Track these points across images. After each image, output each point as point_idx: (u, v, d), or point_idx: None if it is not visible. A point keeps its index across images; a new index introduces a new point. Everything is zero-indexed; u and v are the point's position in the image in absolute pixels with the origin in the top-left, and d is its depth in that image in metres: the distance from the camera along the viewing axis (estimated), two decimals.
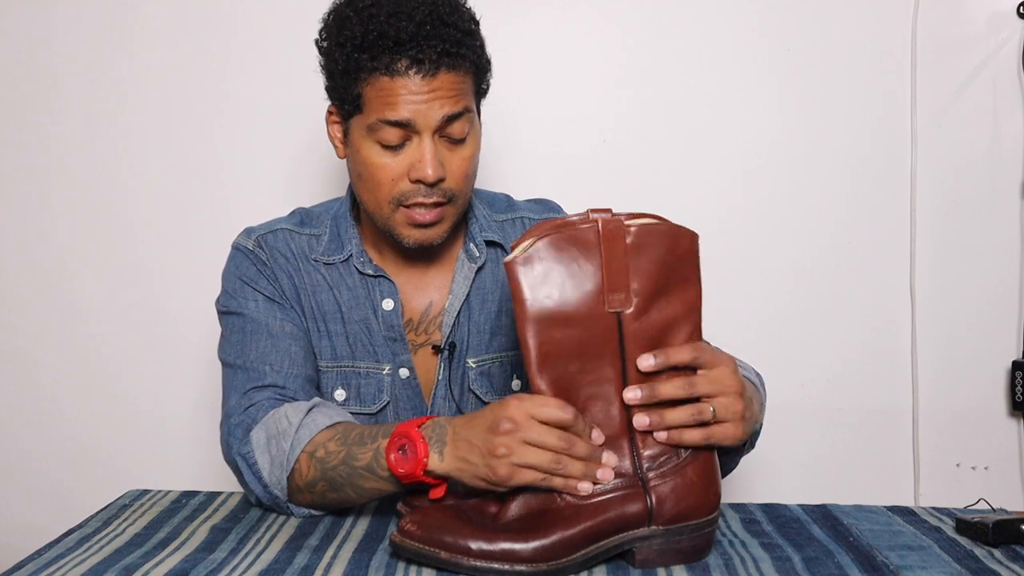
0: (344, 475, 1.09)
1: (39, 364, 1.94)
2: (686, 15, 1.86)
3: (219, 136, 1.88)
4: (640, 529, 0.95)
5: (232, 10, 1.87)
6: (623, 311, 0.95)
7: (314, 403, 1.18)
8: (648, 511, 0.95)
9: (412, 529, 0.94)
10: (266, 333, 1.25)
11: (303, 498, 1.14)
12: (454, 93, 1.19)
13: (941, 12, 1.84)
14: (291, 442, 1.13)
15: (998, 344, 1.88)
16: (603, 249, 0.94)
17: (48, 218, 1.92)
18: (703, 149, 1.87)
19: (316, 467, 1.11)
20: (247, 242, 1.31)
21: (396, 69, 1.16)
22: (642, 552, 0.96)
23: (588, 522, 0.94)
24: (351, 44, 1.18)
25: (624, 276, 0.94)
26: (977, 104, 1.85)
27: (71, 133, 1.90)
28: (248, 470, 1.16)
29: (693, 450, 0.97)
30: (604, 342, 0.95)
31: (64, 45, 1.88)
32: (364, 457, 1.08)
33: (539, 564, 0.92)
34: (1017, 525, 1.03)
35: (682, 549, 0.97)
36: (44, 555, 0.99)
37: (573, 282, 0.94)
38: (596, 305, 0.94)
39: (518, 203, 1.43)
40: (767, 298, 1.89)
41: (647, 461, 0.96)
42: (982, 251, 1.87)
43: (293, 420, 1.15)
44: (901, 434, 1.90)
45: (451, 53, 1.17)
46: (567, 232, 0.94)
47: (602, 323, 0.94)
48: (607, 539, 0.95)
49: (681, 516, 0.96)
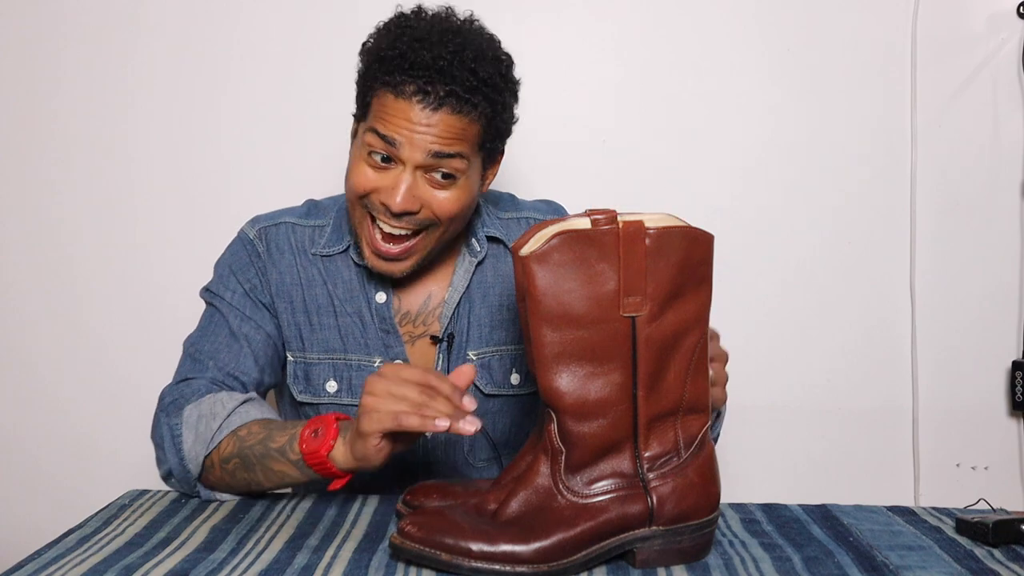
0: (258, 454, 1.15)
1: (39, 364, 1.94)
2: (686, 15, 1.86)
3: (224, 133, 1.88)
4: (641, 529, 0.95)
5: (239, 6, 1.87)
6: (638, 315, 0.93)
7: (250, 396, 1.24)
8: (649, 512, 0.95)
9: (412, 531, 0.94)
10: (227, 330, 1.30)
11: (214, 474, 1.19)
12: (452, 135, 1.19)
13: (941, 12, 1.84)
14: (220, 424, 1.19)
15: (998, 344, 1.88)
16: (622, 252, 0.92)
17: (48, 218, 1.91)
18: (703, 149, 1.87)
19: (236, 444, 1.17)
20: (250, 231, 1.36)
21: (402, 91, 1.18)
22: (643, 552, 0.96)
23: (589, 523, 0.94)
24: (374, 55, 1.22)
25: (641, 280, 0.92)
26: (977, 104, 1.85)
27: (75, 130, 1.90)
28: (171, 441, 1.21)
29: (694, 451, 0.97)
30: (616, 345, 0.93)
31: (69, 39, 1.88)
32: (281, 439, 1.14)
33: (539, 565, 0.92)
34: (1017, 525, 1.03)
35: (683, 549, 0.97)
36: (44, 555, 0.99)
37: (590, 283, 0.92)
38: (611, 308, 0.92)
39: (523, 202, 1.45)
40: (767, 297, 1.89)
41: (647, 462, 0.96)
42: (982, 251, 1.87)
43: (228, 406, 1.21)
44: (901, 434, 1.90)
45: (459, 97, 1.17)
46: (586, 232, 0.92)
47: (616, 327, 0.93)
48: (608, 540, 0.95)
49: (682, 516, 0.96)
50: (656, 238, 0.93)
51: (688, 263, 0.94)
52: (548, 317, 0.92)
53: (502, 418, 1.37)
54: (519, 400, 1.37)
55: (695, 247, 0.95)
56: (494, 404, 1.36)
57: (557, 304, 0.92)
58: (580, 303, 0.92)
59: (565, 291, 0.92)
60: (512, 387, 1.36)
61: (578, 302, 0.92)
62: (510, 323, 1.35)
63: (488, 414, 1.35)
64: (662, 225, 0.93)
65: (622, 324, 0.93)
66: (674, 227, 0.94)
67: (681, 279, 0.94)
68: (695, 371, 0.97)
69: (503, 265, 1.37)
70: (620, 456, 0.96)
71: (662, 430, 0.96)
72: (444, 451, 1.36)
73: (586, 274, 0.92)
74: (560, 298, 0.92)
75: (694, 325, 0.96)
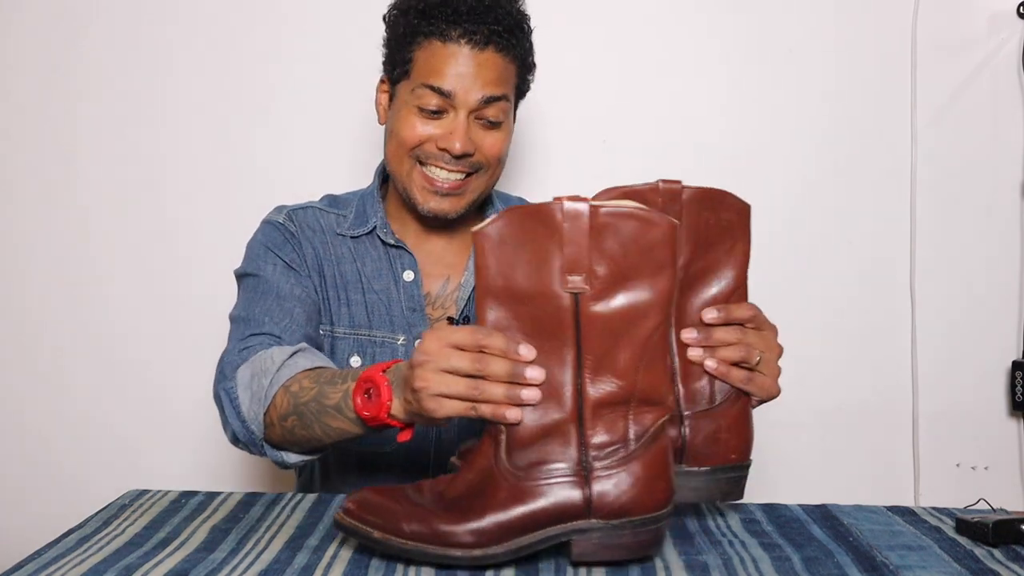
0: (314, 411, 1.11)
1: (39, 365, 1.94)
2: (686, 15, 1.86)
3: (240, 131, 1.89)
4: (578, 521, 0.92)
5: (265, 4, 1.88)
6: (581, 293, 0.92)
7: (300, 347, 1.21)
8: (588, 503, 0.91)
9: (351, 507, 0.95)
10: (275, 294, 1.30)
11: (274, 432, 1.17)
12: (497, 76, 1.28)
13: (941, 12, 1.84)
14: (271, 379, 1.16)
15: (998, 344, 1.88)
16: (566, 229, 0.91)
17: (49, 223, 1.92)
18: (703, 149, 1.87)
19: (290, 401, 1.14)
20: (278, 216, 1.39)
21: (449, 36, 1.25)
22: (579, 545, 0.92)
23: (524, 507, 0.91)
24: (414, 11, 1.28)
25: (585, 258, 0.91)
26: (977, 104, 1.85)
27: (97, 130, 1.90)
28: (229, 404, 1.20)
29: (644, 443, 0.93)
30: (559, 323, 0.92)
31: (88, 30, 1.88)
32: (334, 396, 1.09)
33: (471, 549, 0.90)
34: (1017, 525, 1.03)
35: (624, 545, 0.92)
36: (44, 555, 0.99)
37: (535, 260, 0.91)
38: (554, 285, 0.91)
39: None
40: (767, 297, 1.87)
41: (594, 450, 0.92)
42: (982, 251, 1.87)
43: (277, 360, 1.18)
44: (901, 434, 1.90)
45: (502, 35, 1.27)
46: (532, 209, 0.92)
47: (559, 304, 0.92)
48: (544, 529, 0.92)
49: (623, 511, 0.91)
50: (602, 217, 0.91)
51: (640, 246, 0.91)
52: (493, 291, 0.92)
53: None
54: None
55: (649, 230, 0.91)
56: None
57: (502, 279, 0.92)
58: (525, 279, 0.92)
59: (510, 266, 0.92)
60: None
61: (523, 278, 0.92)
62: None
63: None
64: (612, 206, 0.91)
65: (565, 302, 0.92)
66: (624, 209, 0.91)
67: (631, 261, 0.91)
68: (650, 361, 0.93)
69: None
70: (565, 442, 0.92)
71: (612, 419, 0.93)
72: (455, 448, 1.36)
73: (532, 251, 0.91)
74: (505, 273, 0.92)
75: (650, 312, 0.92)
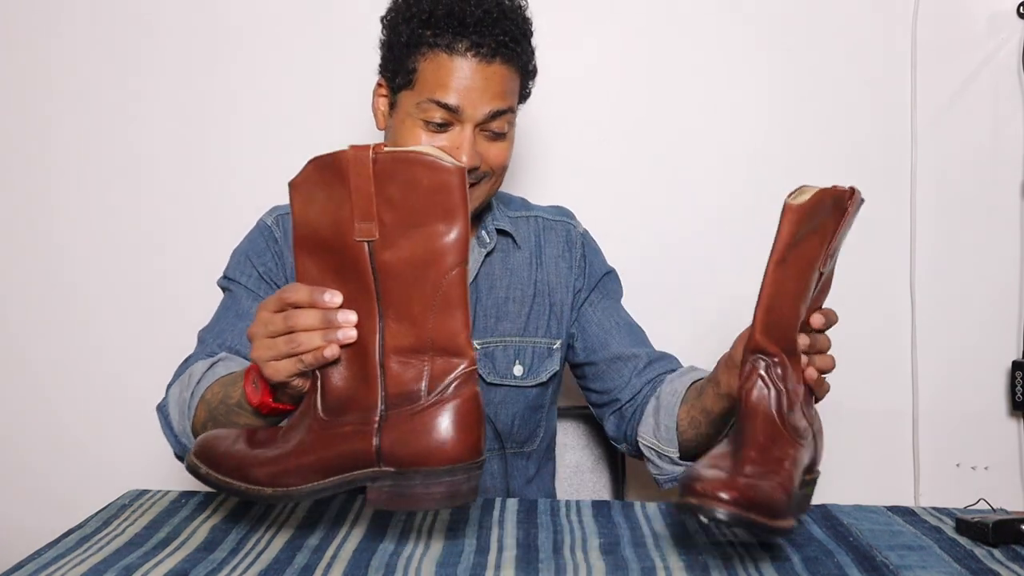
0: (223, 413, 1.12)
1: (39, 364, 1.94)
2: (686, 15, 1.86)
3: (227, 135, 1.89)
4: (371, 469, 0.93)
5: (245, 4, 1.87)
6: (373, 241, 0.92)
7: (220, 356, 1.23)
8: (377, 450, 0.93)
9: (196, 449, 1.01)
10: (234, 313, 1.31)
11: None
12: (503, 89, 1.26)
13: (941, 12, 1.84)
14: (191, 391, 1.18)
15: (998, 344, 1.87)
16: (352, 176, 0.91)
17: (48, 217, 1.92)
18: (703, 149, 1.87)
19: (204, 408, 1.16)
20: (268, 218, 1.40)
21: (456, 48, 1.23)
22: (372, 492, 0.94)
23: (323, 452, 0.94)
24: (418, 19, 1.25)
25: (370, 205, 0.91)
26: (977, 104, 1.85)
27: (74, 130, 1.90)
28: (164, 422, 1.23)
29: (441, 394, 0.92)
30: (360, 272, 0.93)
31: (72, 36, 1.88)
32: (235, 394, 1.11)
33: (264, 488, 0.96)
34: (1017, 525, 1.03)
35: (416, 495, 0.92)
36: (44, 555, 0.99)
37: (332, 209, 0.93)
38: (348, 233, 0.92)
39: (534, 206, 1.50)
40: None
41: (392, 400, 0.93)
42: (982, 251, 1.87)
43: (197, 372, 1.20)
44: (901, 434, 1.90)
45: (508, 45, 1.25)
46: (328, 158, 0.92)
47: (356, 252, 0.93)
48: (342, 474, 0.94)
49: (410, 461, 0.92)
50: (383, 163, 0.91)
51: (426, 191, 0.91)
52: (303, 242, 0.95)
53: (505, 409, 1.39)
54: (522, 392, 1.40)
55: (434, 175, 0.90)
56: (496, 394, 1.38)
57: (309, 230, 0.94)
58: (327, 229, 0.93)
59: (313, 216, 0.93)
60: (515, 378, 1.39)
61: (325, 228, 0.93)
62: (515, 315, 1.40)
63: (491, 404, 1.38)
64: (392, 151, 0.91)
65: (359, 250, 0.93)
66: (408, 153, 0.91)
67: (419, 207, 0.91)
68: (443, 308, 0.92)
69: (511, 259, 1.42)
70: (370, 391, 0.94)
71: (409, 367, 0.93)
72: None
73: (330, 199, 0.93)
74: (312, 224, 0.94)
75: (438, 257, 0.92)
